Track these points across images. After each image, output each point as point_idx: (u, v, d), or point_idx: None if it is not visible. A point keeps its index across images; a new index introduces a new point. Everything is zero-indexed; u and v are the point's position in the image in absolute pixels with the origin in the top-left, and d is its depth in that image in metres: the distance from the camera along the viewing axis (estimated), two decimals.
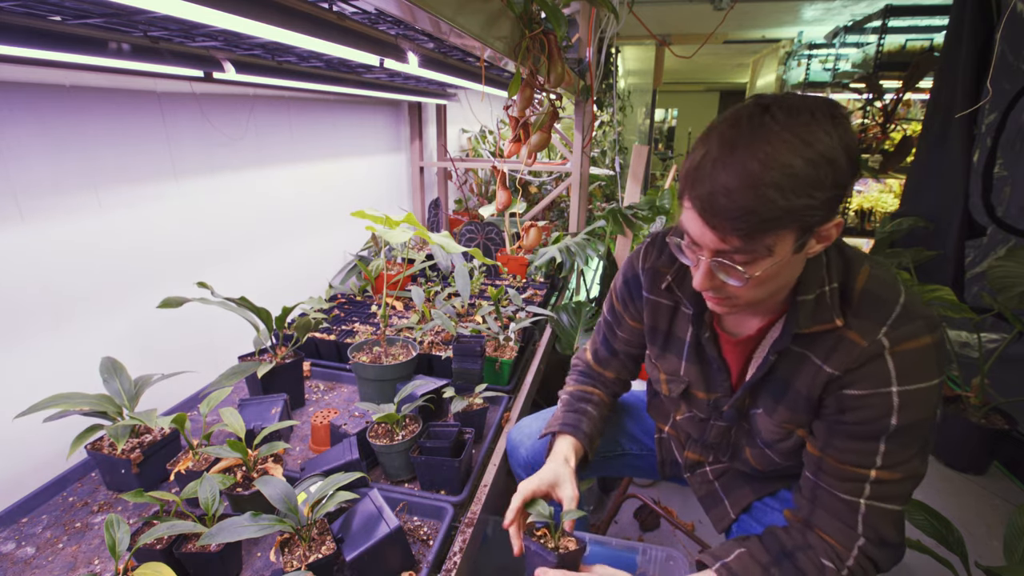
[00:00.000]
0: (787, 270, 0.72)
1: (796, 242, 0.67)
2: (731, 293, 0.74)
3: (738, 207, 0.62)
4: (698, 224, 0.68)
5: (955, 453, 2.14)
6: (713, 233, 0.67)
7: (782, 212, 0.62)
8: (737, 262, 0.68)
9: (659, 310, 0.98)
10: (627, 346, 1.10)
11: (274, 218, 1.85)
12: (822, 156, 0.61)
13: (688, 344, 0.95)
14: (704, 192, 0.65)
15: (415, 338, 1.50)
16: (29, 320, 1.13)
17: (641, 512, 1.79)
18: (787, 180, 0.61)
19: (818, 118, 0.63)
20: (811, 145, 0.61)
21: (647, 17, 4.29)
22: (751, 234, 0.64)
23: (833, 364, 0.77)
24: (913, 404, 0.73)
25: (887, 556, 0.79)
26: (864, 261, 0.79)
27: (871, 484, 0.77)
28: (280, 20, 0.79)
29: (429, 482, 1.12)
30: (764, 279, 0.70)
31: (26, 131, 1.09)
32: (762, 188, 0.61)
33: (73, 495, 1.10)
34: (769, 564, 0.81)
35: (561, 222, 3.26)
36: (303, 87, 1.81)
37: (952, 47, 2.61)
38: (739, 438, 0.98)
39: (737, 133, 0.64)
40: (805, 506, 0.85)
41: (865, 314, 0.75)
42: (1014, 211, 2.39)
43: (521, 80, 1.42)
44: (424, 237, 1.31)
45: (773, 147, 0.61)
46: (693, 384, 0.97)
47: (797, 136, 0.61)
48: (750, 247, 0.66)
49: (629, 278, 1.02)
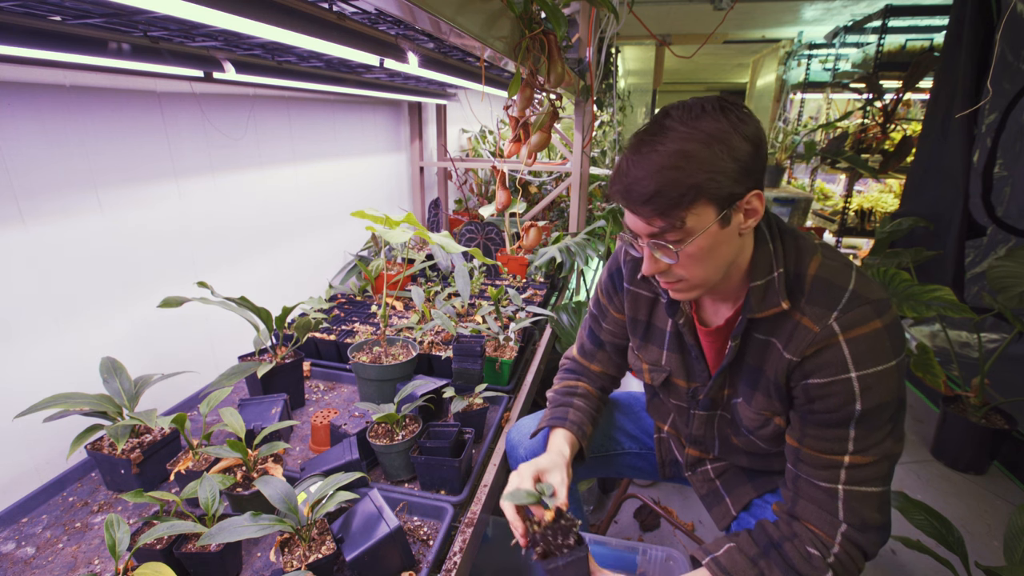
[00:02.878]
0: (723, 247, 0.79)
1: (718, 216, 0.75)
2: (678, 275, 0.81)
3: (649, 191, 0.73)
4: (629, 215, 0.79)
5: (955, 453, 2.14)
6: (638, 218, 0.77)
7: (686, 187, 0.72)
8: (668, 241, 0.77)
9: (639, 301, 1.03)
10: (612, 337, 1.13)
11: (274, 218, 1.85)
12: (712, 137, 0.72)
13: (669, 334, 1.00)
14: (622, 187, 0.76)
15: (415, 338, 1.50)
16: (29, 320, 1.13)
17: (641, 512, 1.79)
18: (684, 161, 0.72)
19: (707, 110, 0.74)
20: (703, 131, 0.72)
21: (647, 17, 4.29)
22: (667, 211, 0.74)
23: (791, 350, 0.80)
24: (874, 387, 0.75)
25: (872, 540, 0.80)
26: (817, 249, 0.83)
27: (846, 469, 0.80)
28: (280, 20, 0.79)
29: (429, 482, 1.12)
30: (697, 255, 0.77)
31: (26, 131, 1.09)
32: (664, 171, 0.72)
33: (73, 495, 1.10)
34: (757, 556, 0.83)
35: (561, 222, 3.26)
36: (303, 87, 1.81)
37: (952, 47, 2.61)
38: (723, 428, 1.00)
39: (643, 138, 0.76)
40: (789, 497, 0.87)
41: (816, 300, 0.79)
42: (1014, 211, 2.39)
43: (521, 80, 1.42)
44: (424, 237, 1.31)
45: (671, 140, 0.73)
46: (674, 372, 1.01)
47: (688, 127, 0.73)
48: (671, 224, 0.75)
49: (613, 271, 1.08)
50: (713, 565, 0.84)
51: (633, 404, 1.30)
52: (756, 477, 1.05)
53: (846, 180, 4.29)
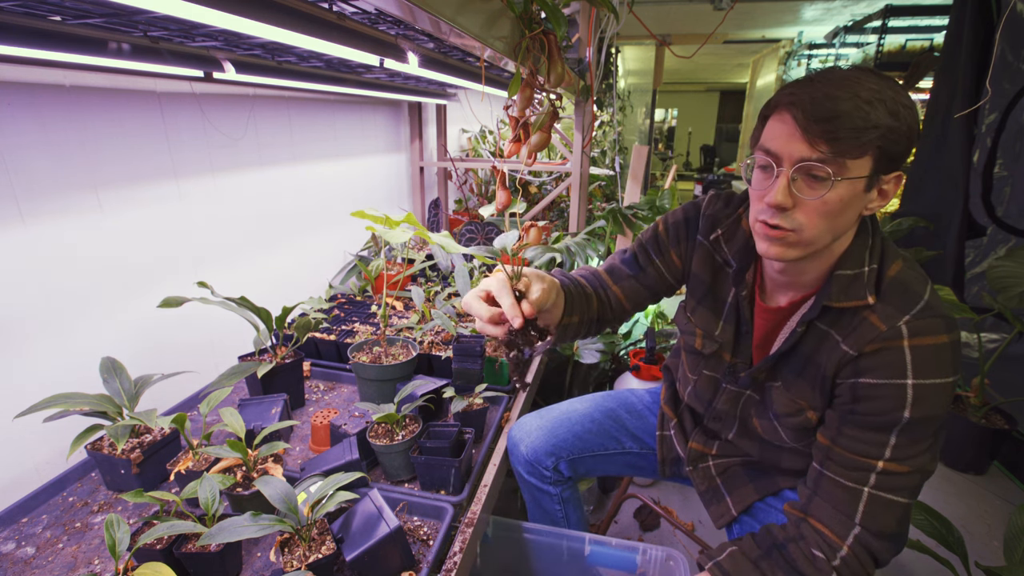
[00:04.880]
0: (850, 210, 0.75)
1: (871, 173, 0.72)
2: (798, 221, 0.75)
3: (838, 110, 0.68)
4: (789, 130, 0.72)
5: (955, 453, 2.14)
6: (805, 137, 0.71)
7: (871, 125, 0.68)
8: (820, 174, 0.72)
9: (706, 260, 0.99)
10: (657, 276, 1.03)
11: (274, 218, 1.85)
12: (904, 97, 0.71)
13: (728, 304, 0.97)
14: (808, 97, 0.70)
15: (415, 338, 1.50)
16: (29, 320, 1.12)
17: (641, 512, 1.79)
18: (879, 101, 0.69)
19: (890, 81, 0.72)
20: (894, 89, 0.71)
21: (647, 17, 4.29)
22: (846, 139, 0.69)
23: (850, 343, 0.78)
24: (927, 399, 0.74)
25: (886, 547, 0.79)
26: (899, 256, 0.82)
27: (877, 474, 0.78)
28: (280, 20, 0.79)
29: (429, 482, 1.12)
30: (832, 205, 0.73)
31: (26, 131, 1.09)
32: (859, 101, 0.68)
33: (73, 495, 1.10)
34: (759, 559, 0.83)
35: (561, 222, 3.26)
36: (303, 87, 1.81)
37: (952, 47, 2.61)
38: (747, 409, 0.98)
39: (835, 71, 0.73)
40: (806, 495, 0.85)
41: (890, 300, 0.77)
42: (1014, 211, 2.39)
43: (521, 80, 1.42)
44: (424, 237, 1.31)
45: (867, 79, 0.71)
46: (723, 345, 0.98)
47: (883, 81, 0.71)
48: (836, 154, 0.70)
49: (691, 216, 1.00)
50: (716, 570, 0.84)
51: (635, 403, 1.30)
52: (758, 478, 1.04)
53: None
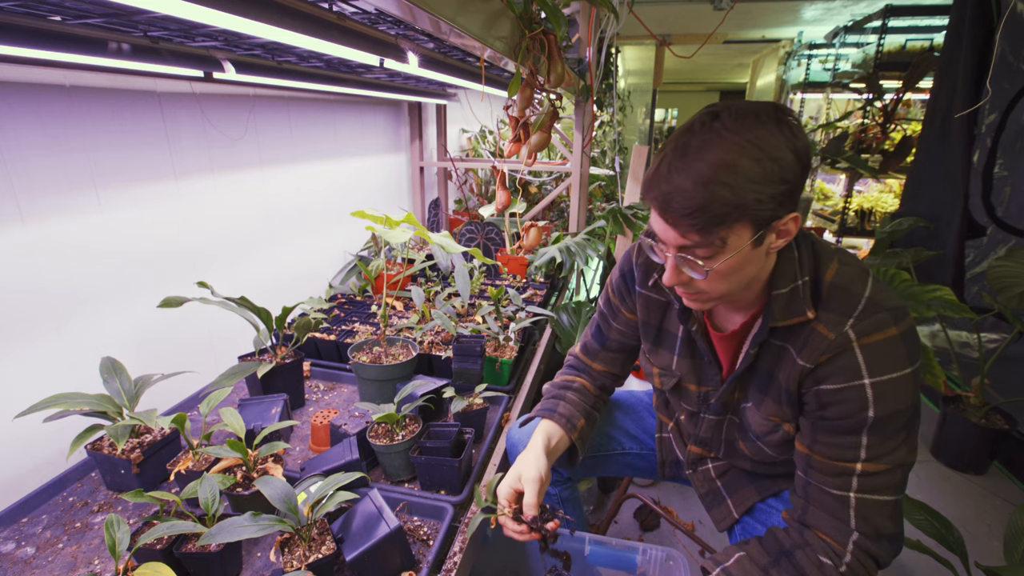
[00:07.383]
0: (750, 265, 0.76)
1: (753, 236, 0.71)
2: (699, 288, 0.79)
3: (692, 204, 0.68)
4: (660, 223, 0.75)
5: (955, 453, 2.14)
6: (673, 230, 0.73)
7: (731, 207, 0.67)
8: (698, 256, 0.73)
9: (651, 305, 1.01)
10: (622, 337, 1.12)
11: (274, 218, 1.85)
12: (766, 154, 0.67)
13: (680, 339, 0.98)
14: (661, 194, 0.71)
15: (415, 338, 1.50)
16: (29, 320, 1.12)
17: (641, 512, 1.79)
18: (734, 177, 0.67)
19: (763, 120, 0.68)
20: (756, 145, 0.67)
21: (647, 17, 4.29)
22: (706, 228, 0.69)
23: (805, 357, 0.79)
24: (888, 395, 0.74)
25: (885, 549, 0.79)
26: (833, 256, 0.81)
27: (858, 477, 0.78)
28: (280, 20, 0.79)
29: (429, 482, 1.12)
30: (725, 272, 0.75)
31: (26, 131, 1.09)
32: (711, 186, 0.67)
33: (73, 495, 1.10)
34: (768, 565, 0.82)
35: (561, 222, 3.26)
36: (303, 87, 1.81)
37: (952, 47, 2.61)
38: (731, 432, 0.99)
39: (689, 139, 0.70)
40: (800, 504, 0.86)
41: (832, 307, 0.78)
42: (1014, 211, 2.39)
43: (521, 80, 1.42)
44: (424, 237, 1.31)
45: (721, 149, 0.67)
46: (685, 378, 1.00)
47: (742, 137, 0.67)
48: (707, 241, 0.71)
49: (626, 271, 1.05)
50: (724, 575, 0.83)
51: (635, 404, 1.30)
52: (759, 479, 1.04)
53: (846, 180, 4.29)
